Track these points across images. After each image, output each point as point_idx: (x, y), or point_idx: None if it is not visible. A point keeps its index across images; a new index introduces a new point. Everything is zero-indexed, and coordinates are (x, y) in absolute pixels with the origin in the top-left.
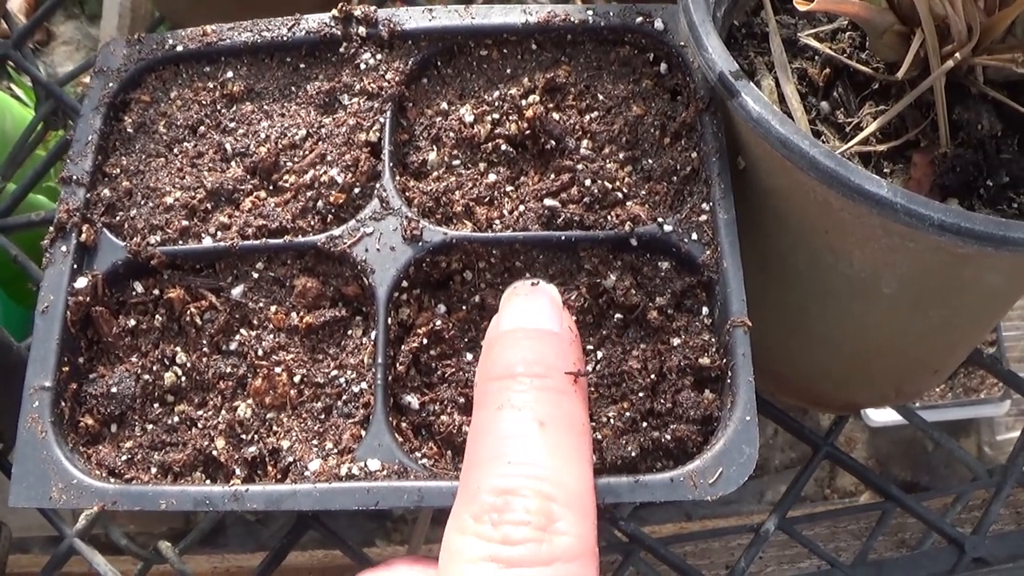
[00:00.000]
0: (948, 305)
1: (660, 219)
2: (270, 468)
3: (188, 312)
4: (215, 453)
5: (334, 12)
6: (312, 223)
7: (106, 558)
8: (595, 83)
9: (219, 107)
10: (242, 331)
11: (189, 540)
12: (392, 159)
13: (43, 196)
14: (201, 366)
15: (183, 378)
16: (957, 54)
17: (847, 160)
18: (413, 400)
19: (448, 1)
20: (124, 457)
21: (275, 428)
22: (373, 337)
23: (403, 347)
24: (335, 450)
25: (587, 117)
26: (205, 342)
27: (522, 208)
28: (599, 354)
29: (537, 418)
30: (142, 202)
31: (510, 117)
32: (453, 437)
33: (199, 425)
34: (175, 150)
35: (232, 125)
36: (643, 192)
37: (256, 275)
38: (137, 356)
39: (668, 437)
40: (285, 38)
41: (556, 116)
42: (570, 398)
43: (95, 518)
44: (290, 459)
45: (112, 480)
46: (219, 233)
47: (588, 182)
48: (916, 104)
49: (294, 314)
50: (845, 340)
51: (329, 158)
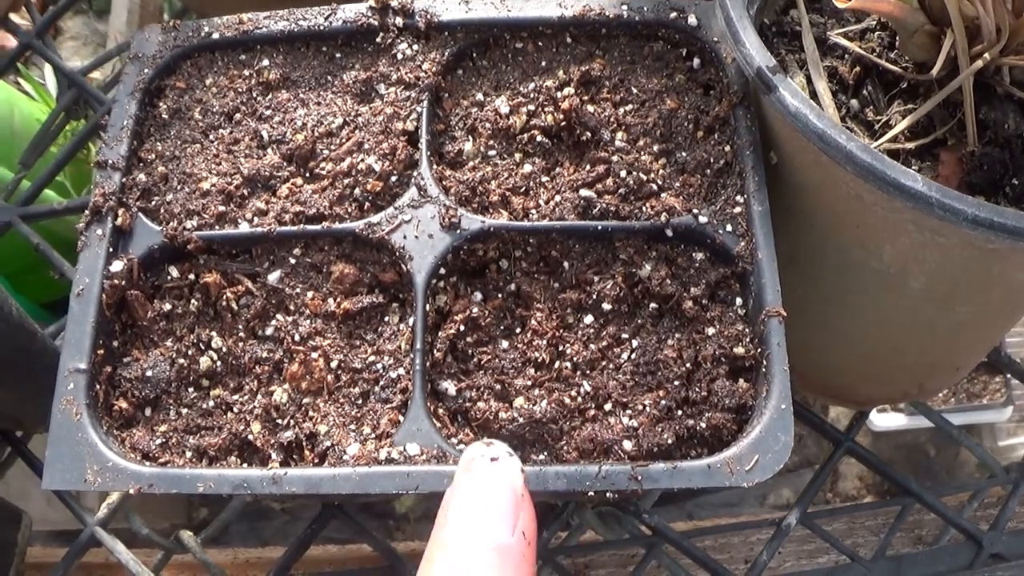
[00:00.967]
0: (975, 301)
1: (695, 210)
2: (307, 452)
3: (224, 297)
4: (251, 437)
5: (371, 2)
6: (349, 210)
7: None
8: (629, 76)
9: (255, 94)
10: (278, 316)
11: (211, 530)
12: (429, 148)
13: (50, 191)
14: (237, 351)
15: (218, 363)
16: (986, 54)
17: (882, 154)
18: (450, 386)
19: None
20: (159, 441)
21: (311, 413)
22: (411, 323)
23: (440, 334)
24: (373, 435)
25: (621, 110)
26: (241, 327)
27: (558, 198)
28: (634, 343)
29: None
30: (178, 187)
31: (546, 108)
32: (489, 424)
33: (235, 409)
34: (211, 136)
35: (268, 112)
36: (677, 184)
37: (293, 261)
38: (172, 340)
39: (703, 425)
40: (322, 27)
41: (591, 108)
42: None
43: (117, 507)
44: (327, 443)
45: (147, 463)
46: (256, 219)
47: (623, 173)
48: (943, 103)
49: (331, 300)
50: (870, 334)
51: (366, 146)
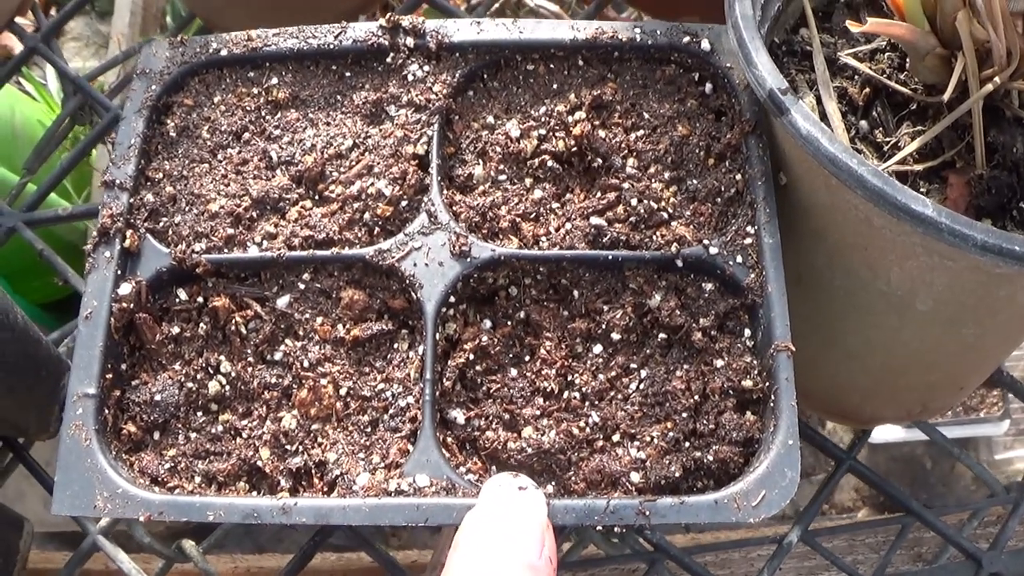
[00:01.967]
0: (981, 323)
1: (705, 240)
2: (316, 480)
3: (233, 321)
4: (260, 463)
5: (381, 21)
6: (359, 235)
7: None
8: (641, 101)
9: (264, 113)
10: (287, 341)
11: (213, 539)
12: (439, 172)
13: (54, 194)
14: (246, 376)
15: (227, 387)
16: (996, 78)
17: (893, 179)
18: (459, 415)
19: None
20: (167, 465)
21: (320, 440)
22: (420, 352)
23: (450, 362)
24: (382, 464)
25: (633, 135)
26: (250, 352)
27: (568, 225)
28: (643, 373)
29: None
30: (186, 208)
31: (557, 133)
32: (498, 453)
33: (243, 435)
34: (219, 156)
35: (277, 132)
36: (688, 212)
37: (302, 286)
38: (180, 364)
39: (711, 458)
40: (331, 46)
41: (602, 134)
42: None
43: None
44: (337, 472)
45: (156, 488)
46: (265, 242)
47: (634, 201)
48: (952, 125)
49: (340, 326)
50: (876, 355)
51: (376, 170)
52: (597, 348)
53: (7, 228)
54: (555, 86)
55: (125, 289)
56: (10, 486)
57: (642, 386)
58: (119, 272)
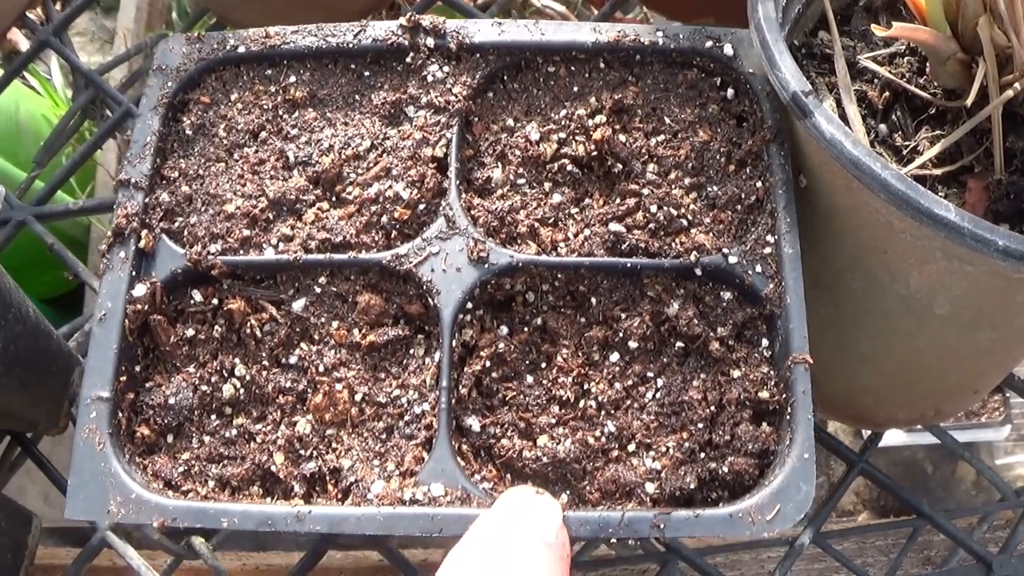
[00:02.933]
0: (998, 328)
1: (725, 249)
2: (330, 487)
3: (248, 324)
4: (274, 468)
5: (401, 21)
6: (376, 238)
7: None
8: (662, 106)
9: (281, 112)
10: (303, 345)
11: (222, 536)
12: (458, 176)
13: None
14: (260, 379)
15: (242, 390)
16: (1016, 84)
17: (916, 184)
18: (475, 423)
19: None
20: (181, 469)
21: (335, 446)
22: (436, 358)
23: (466, 369)
24: (397, 472)
25: (653, 140)
26: (265, 355)
27: (587, 232)
28: (659, 382)
29: None
30: (202, 209)
31: (577, 137)
32: (513, 461)
33: (258, 439)
34: (235, 155)
35: (294, 132)
36: (707, 220)
37: (318, 289)
38: (195, 366)
39: (726, 469)
40: (350, 45)
41: (623, 138)
42: None
43: None
44: (351, 479)
45: (169, 492)
46: (281, 245)
47: (654, 208)
48: (971, 131)
49: (356, 331)
50: (892, 358)
51: (394, 172)
52: (614, 356)
53: (17, 221)
54: (576, 89)
55: (140, 290)
56: (13, 481)
57: (658, 395)
58: (134, 273)
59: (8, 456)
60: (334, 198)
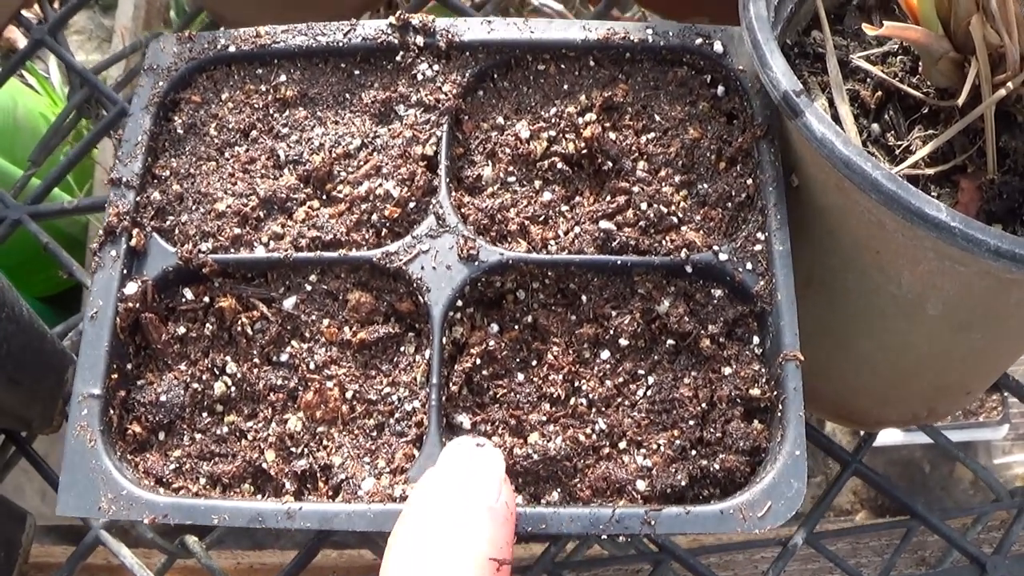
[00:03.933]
0: (990, 328)
1: (715, 247)
2: (321, 484)
3: (239, 322)
4: (265, 466)
5: (391, 20)
6: (366, 236)
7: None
8: (652, 103)
9: (272, 111)
10: (293, 343)
11: (216, 535)
12: (448, 174)
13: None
14: (251, 377)
15: (233, 388)
16: (1009, 83)
17: (907, 183)
18: (465, 420)
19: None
20: (172, 466)
21: (326, 443)
22: (427, 356)
23: (456, 366)
24: (388, 469)
25: (643, 138)
26: (256, 353)
27: (577, 229)
28: (650, 379)
29: None
30: (193, 207)
31: (567, 135)
32: (504, 459)
33: (249, 436)
34: (226, 154)
35: (285, 131)
36: (698, 217)
37: (309, 287)
38: (186, 364)
39: (717, 466)
40: (340, 44)
41: (613, 136)
42: None
43: None
44: (342, 476)
45: (160, 490)
46: (272, 243)
47: (644, 205)
48: (963, 130)
49: (347, 328)
50: (885, 358)
51: (385, 170)
52: (605, 354)
53: (12, 220)
54: (566, 87)
55: (131, 289)
56: (8, 480)
57: (649, 393)
58: (125, 271)
59: (3, 455)
60: (324, 196)
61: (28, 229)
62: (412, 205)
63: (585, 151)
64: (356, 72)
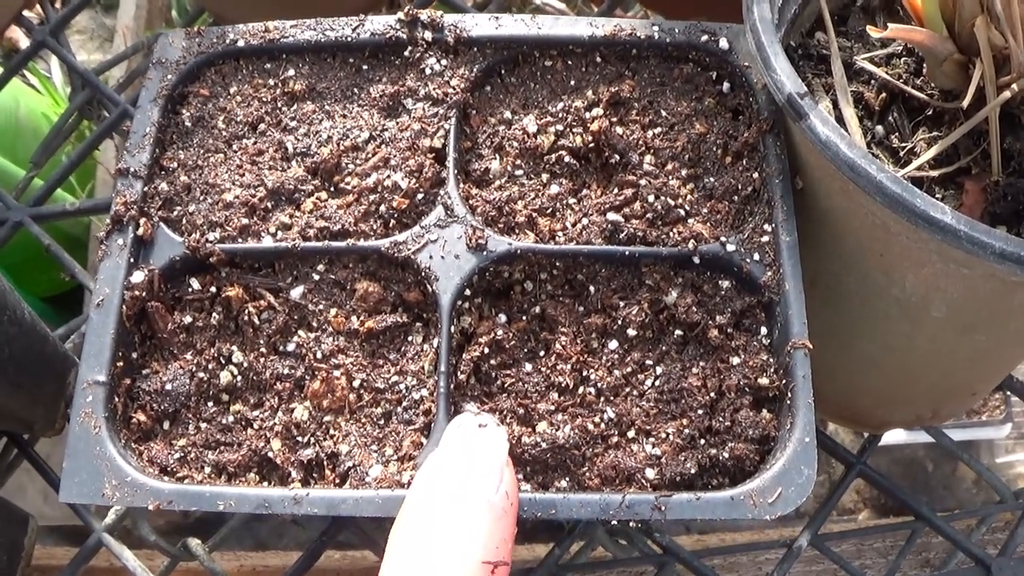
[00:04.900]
0: (995, 330)
1: (722, 238)
2: (328, 472)
3: (246, 311)
4: (271, 455)
5: (400, 15)
6: (374, 227)
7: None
8: (658, 99)
9: (280, 105)
10: (300, 333)
11: (219, 538)
12: (456, 166)
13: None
14: (258, 366)
15: (239, 377)
16: (1014, 85)
17: (912, 186)
18: (473, 409)
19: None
20: (177, 455)
21: (333, 432)
22: (435, 344)
23: (464, 355)
24: (395, 456)
25: (650, 132)
26: (262, 342)
27: (585, 221)
28: (658, 369)
29: None
30: (201, 198)
31: (574, 129)
32: (512, 447)
33: (255, 426)
34: (234, 146)
35: (293, 124)
36: (705, 210)
37: (317, 277)
38: (192, 353)
39: (726, 455)
40: (349, 38)
41: (620, 130)
42: None
43: (124, 513)
44: (349, 464)
45: (165, 478)
46: (280, 233)
47: (651, 198)
48: (968, 132)
49: (354, 318)
50: (890, 360)
51: (393, 162)
52: (613, 344)
53: (14, 222)
54: (573, 82)
55: (138, 277)
56: (11, 481)
57: (658, 382)
58: (132, 260)
59: (5, 457)
60: (332, 188)
61: (30, 231)
62: (420, 196)
63: (592, 145)
64: (364, 67)
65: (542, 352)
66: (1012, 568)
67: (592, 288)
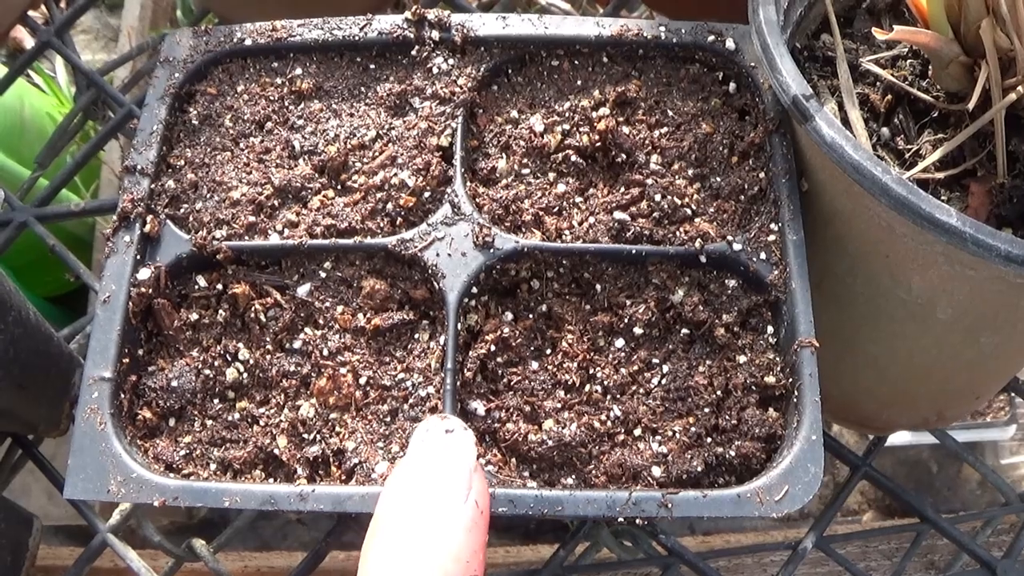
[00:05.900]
0: (1000, 332)
1: (729, 237)
2: (334, 469)
3: (252, 308)
4: (277, 452)
5: (407, 14)
6: (381, 225)
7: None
8: (665, 99)
9: (287, 103)
10: (307, 330)
11: (224, 538)
12: (463, 164)
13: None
14: (264, 363)
15: (245, 375)
16: (1020, 87)
17: (917, 188)
18: (479, 407)
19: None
20: (182, 452)
21: (339, 429)
22: (441, 342)
23: (471, 353)
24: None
25: (656, 132)
26: (269, 339)
27: (591, 219)
28: (665, 368)
29: None
30: (207, 195)
31: (581, 129)
32: (518, 445)
33: (261, 423)
34: (241, 144)
35: (300, 122)
36: (711, 209)
37: (323, 274)
38: (198, 350)
39: (733, 453)
40: (356, 37)
41: (626, 130)
42: None
43: (129, 513)
44: (355, 460)
45: (170, 475)
46: (286, 231)
47: (658, 197)
48: (973, 134)
49: (361, 315)
50: (895, 363)
51: (400, 161)
52: (619, 342)
53: (19, 223)
54: (579, 82)
55: (144, 274)
56: (15, 480)
57: (664, 381)
58: (138, 257)
59: (9, 458)
60: (339, 186)
61: (35, 232)
62: (427, 194)
63: (599, 144)
64: (371, 66)
65: (548, 350)
66: (1017, 570)
67: (599, 286)
